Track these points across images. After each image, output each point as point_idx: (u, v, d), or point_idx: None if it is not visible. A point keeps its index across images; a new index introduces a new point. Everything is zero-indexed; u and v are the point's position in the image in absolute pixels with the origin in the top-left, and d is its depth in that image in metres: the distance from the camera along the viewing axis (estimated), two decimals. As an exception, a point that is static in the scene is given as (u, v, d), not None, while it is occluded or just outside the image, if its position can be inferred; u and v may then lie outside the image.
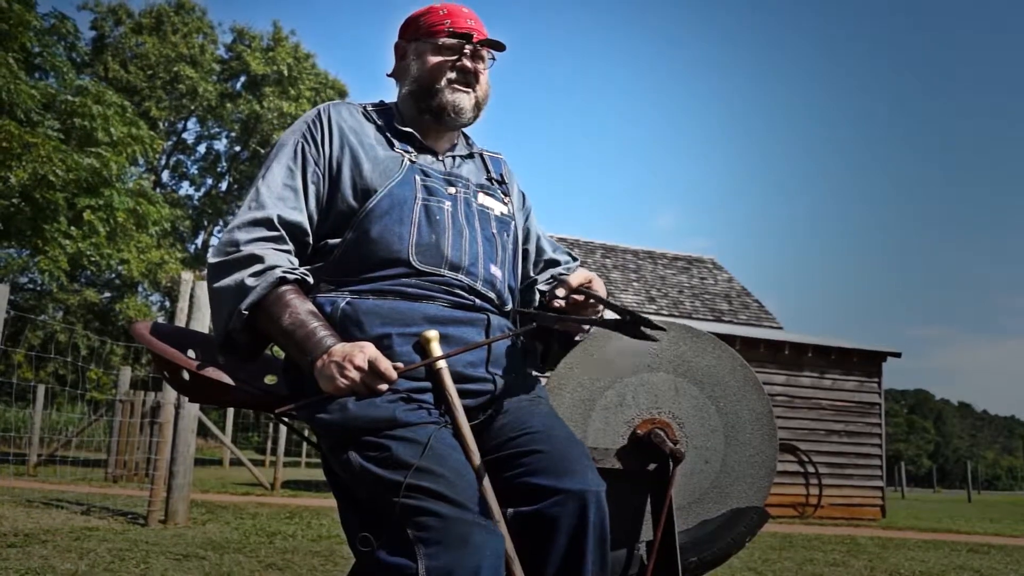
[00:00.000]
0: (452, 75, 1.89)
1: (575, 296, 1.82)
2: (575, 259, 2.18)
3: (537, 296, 2.08)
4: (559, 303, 1.82)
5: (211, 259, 1.74)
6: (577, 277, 1.83)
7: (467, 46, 1.89)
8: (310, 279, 1.75)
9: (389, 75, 2.03)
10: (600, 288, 1.87)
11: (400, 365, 1.60)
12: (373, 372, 1.54)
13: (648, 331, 1.67)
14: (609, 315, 1.80)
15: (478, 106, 1.95)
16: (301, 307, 1.66)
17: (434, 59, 1.89)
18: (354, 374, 1.54)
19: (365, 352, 1.56)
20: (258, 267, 1.68)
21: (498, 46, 1.93)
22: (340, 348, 1.58)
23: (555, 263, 2.13)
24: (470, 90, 1.91)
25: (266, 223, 1.73)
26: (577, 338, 2.04)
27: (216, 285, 1.71)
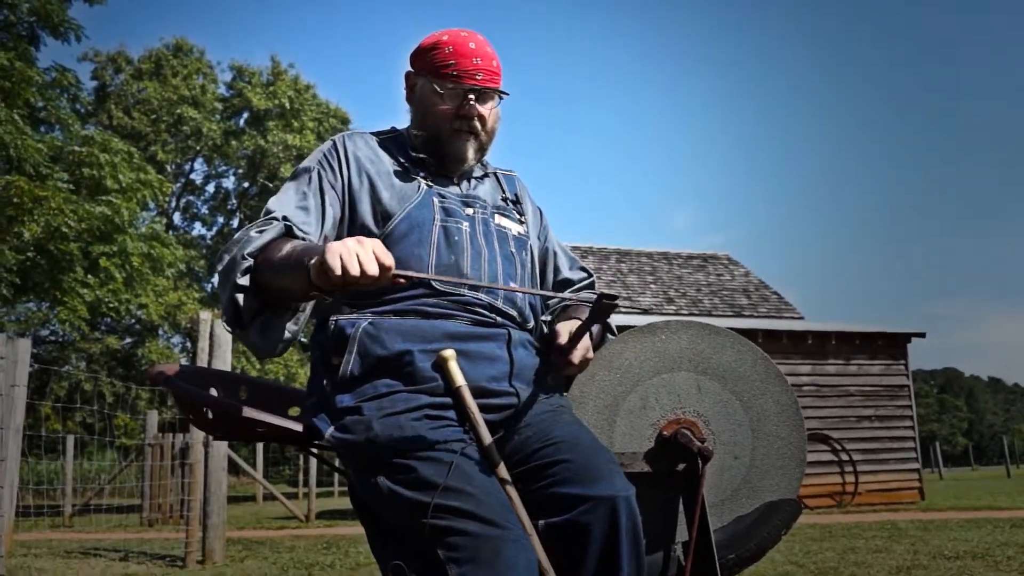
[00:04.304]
0: (456, 124, 1.86)
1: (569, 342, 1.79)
2: (590, 275, 2.15)
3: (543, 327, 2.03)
4: (562, 344, 1.79)
5: (217, 256, 1.70)
6: (562, 332, 1.80)
7: (471, 94, 1.85)
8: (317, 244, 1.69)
9: (408, 100, 2.00)
10: (581, 348, 1.81)
11: (410, 273, 1.55)
12: (374, 251, 1.47)
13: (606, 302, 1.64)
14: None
15: (482, 149, 1.94)
16: (301, 244, 1.61)
17: (437, 107, 1.86)
18: (353, 245, 1.45)
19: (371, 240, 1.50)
20: (263, 223, 1.68)
21: (501, 94, 1.91)
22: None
23: (569, 283, 2.11)
24: (473, 136, 1.89)
25: (276, 221, 1.71)
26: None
27: (221, 261, 1.66)
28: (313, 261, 1.48)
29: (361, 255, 1.44)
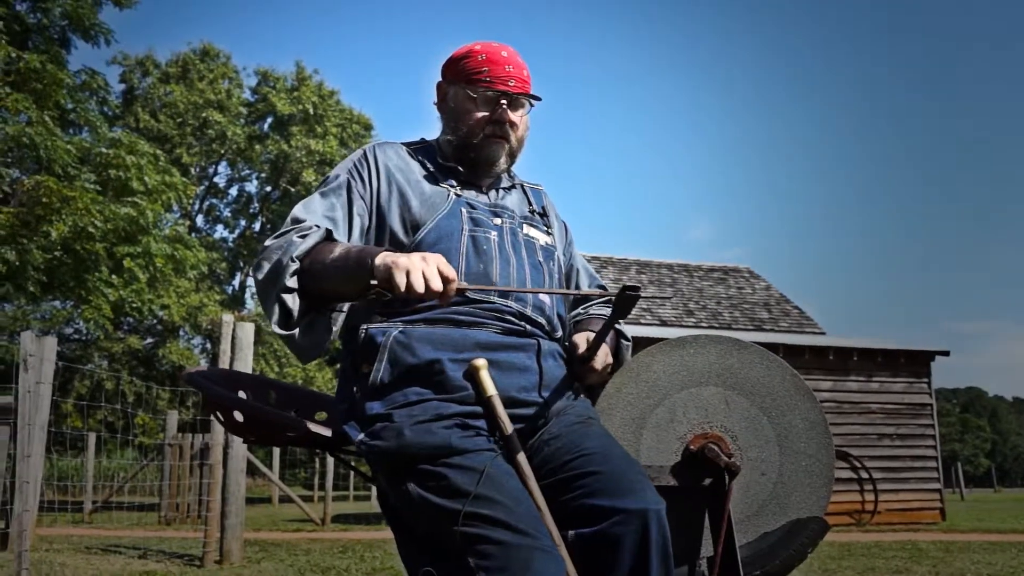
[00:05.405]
0: (488, 129, 1.90)
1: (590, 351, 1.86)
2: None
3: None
4: (582, 352, 1.86)
5: (254, 264, 1.74)
6: (580, 342, 1.88)
7: (503, 99, 1.89)
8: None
9: (439, 110, 2.03)
10: (601, 355, 1.88)
11: (473, 285, 1.65)
12: (438, 268, 1.55)
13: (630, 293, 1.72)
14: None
15: (512, 154, 1.97)
16: (354, 246, 1.68)
17: (471, 113, 1.90)
18: (419, 262, 1.54)
19: (435, 256, 1.58)
20: (303, 229, 1.73)
21: (534, 98, 1.94)
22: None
23: (588, 299, 2.13)
24: (505, 141, 1.92)
25: (315, 228, 1.75)
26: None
27: (261, 269, 1.69)
28: (378, 264, 1.56)
29: (427, 272, 1.52)
